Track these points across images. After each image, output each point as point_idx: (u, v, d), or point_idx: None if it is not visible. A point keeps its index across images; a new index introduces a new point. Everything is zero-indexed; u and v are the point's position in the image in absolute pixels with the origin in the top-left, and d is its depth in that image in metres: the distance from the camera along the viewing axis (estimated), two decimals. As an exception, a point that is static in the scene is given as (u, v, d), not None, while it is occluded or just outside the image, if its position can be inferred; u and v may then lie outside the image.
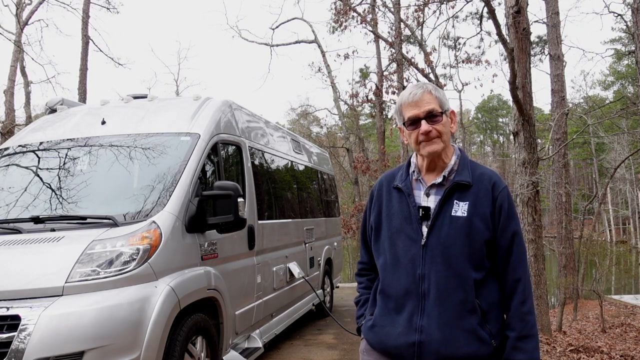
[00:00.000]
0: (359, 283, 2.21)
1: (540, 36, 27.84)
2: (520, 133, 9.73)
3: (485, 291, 1.85)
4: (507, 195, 1.90)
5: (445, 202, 1.87)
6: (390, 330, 1.88)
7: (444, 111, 1.91)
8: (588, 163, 47.55)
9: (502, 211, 1.87)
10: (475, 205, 1.85)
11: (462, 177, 1.90)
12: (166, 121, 4.57)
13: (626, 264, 19.57)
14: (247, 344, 4.80)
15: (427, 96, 1.91)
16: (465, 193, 1.88)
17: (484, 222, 1.84)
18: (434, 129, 1.88)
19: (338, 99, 22.79)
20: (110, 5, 17.50)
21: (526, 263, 1.90)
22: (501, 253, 1.87)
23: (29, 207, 3.87)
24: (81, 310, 3.02)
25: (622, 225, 47.98)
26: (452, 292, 1.81)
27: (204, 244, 3.99)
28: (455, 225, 1.83)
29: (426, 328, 1.80)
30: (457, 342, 1.79)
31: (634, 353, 8.44)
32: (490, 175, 1.93)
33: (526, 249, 1.94)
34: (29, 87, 18.28)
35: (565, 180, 15.35)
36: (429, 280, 1.82)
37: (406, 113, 1.93)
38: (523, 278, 1.86)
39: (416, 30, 16.69)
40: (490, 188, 1.89)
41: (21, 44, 16.46)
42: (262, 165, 5.71)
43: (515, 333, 1.82)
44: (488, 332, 1.82)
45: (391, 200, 1.98)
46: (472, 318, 1.81)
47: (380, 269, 1.98)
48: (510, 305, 1.86)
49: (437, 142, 1.89)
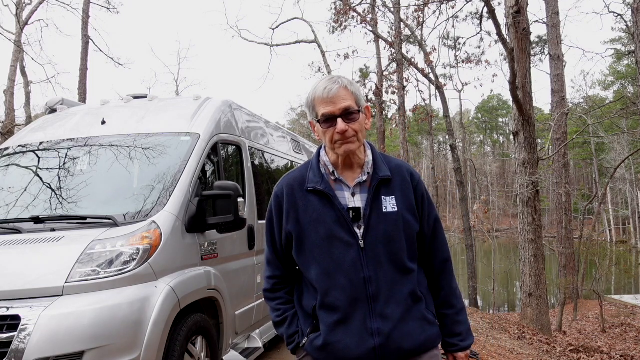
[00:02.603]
0: (275, 299, 1.98)
1: (540, 36, 27.87)
2: (520, 133, 9.73)
3: (420, 278, 1.92)
4: (422, 183, 1.95)
5: (375, 200, 1.82)
6: (347, 343, 1.77)
7: (360, 108, 1.83)
8: (588, 163, 47.59)
9: (423, 200, 1.91)
10: (401, 198, 1.85)
11: (382, 172, 1.86)
12: (166, 121, 4.58)
13: (626, 264, 19.56)
14: (247, 344, 4.79)
15: (343, 92, 1.81)
16: (388, 187, 1.85)
17: (412, 213, 1.86)
18: (350, 128, 1.79)
19: (338, 99, 22.75)
20: (110, 5, 17.51)
21: (447, 244, 2.01)
22: (427, 239, 1.93)
23: (29, 207, 3.86)
24: (81, 310, 3.02)
25: (622, 225, 47.98)
26: (399, 287, 1.81)
27: (204, 244, 3.99)
28: (390, 222, 1.80)
29: (382, 329, 1.77)
30: (414, 331, 1.81)
31: (634, 353, 8.44)
32: (405, 165, 1.95)
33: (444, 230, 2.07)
34: (29, 87, 18.28)
35: (565, 180, 15.37)
36: (377, 282, 1.77)
37: (320, 109, 1.81)
38: (449, 258, 1.99)
39: (416, 30, 16.71)
40: (409, 179, 1.90)
41: (21, 44, 16.46)
42: (262, 165, 5.71)
43: (454, 309, 1.95)
44: (432, 314, 1.91)
45: (309, 205, 1.83)
46: (420, 305, 1.86)
47: (316, 281, 1.83)
48: (443, 284, 1.96)
49: (354, 141, 1.81)
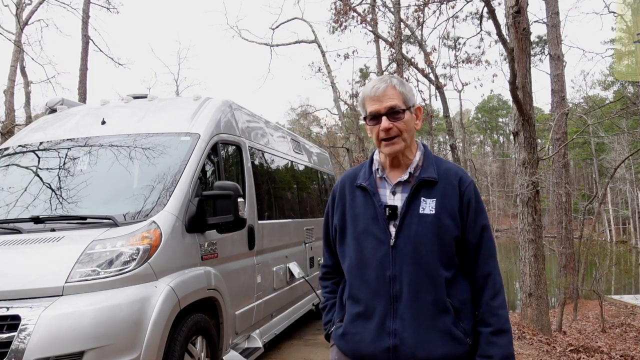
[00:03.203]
0: (324, 287, 2.11)
1: (540, 36, 27.85)
2: (520, 133, 9.73)
3: (456, 289, 1.81)
4: (474, 190, 1.85)
5: (413, 200, 1.81)
6: (363, 337, 1.80)
7: (408, 107, 1.84)
8: (588, 163, 47.57)
9: (469, 206, 1.82)
10: (442, 202, 1.79)
11: (427, 173, 1.83)
12: (166, 121, 4.58)
13: (626, 264, 19.55)
14: (247, 344, 4.80)
15: (391, 91, 1.83)
16: (432, 190, 1.81)
17: (452, 218, 1.79)
18: (394, 126, 1.81)
19: (338, 99, 22.75)
20: (110, 5, 17.47)
21: (495, 258, 1.86)
22: (470, 249, 1.82)
23: (29, 207, 3.87)
24: (81, 310, 3.02)
25: (622, 225, 47.97)
26: (424, 293, 1.76)
27: (204, 244, 3.99)
28: (424, 224, 1.78)
29: (400, 331, 1.75)
30: (432, 343, 1.74)
31: (634, 353, 8.44)
32: (456, 170, 1.88)
33: (495, 244, 1.89)
34: (29, 87, 18.26)
35: (565, 180, 15.35)
36: (400, 282, 1.77)
37: (368, 107, 1.85)
38: (493, 273, 1.82)
39: (416, 30, 16.69)
40: (456, 184, 1.83)
41: (21, 44, 16.44)
42: (262, 165, 5.71)
43: (490, 328, 1.78)
44: (462, 331, 1.78)
45: (355, 200, 1.90)
46: (446, 318, 1.76)
47: (347, 273, 1.90)
48: (481, 300, 1.81)
49: (398, 141, 1.82)
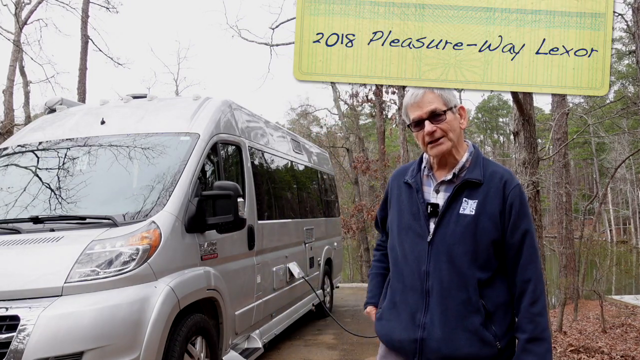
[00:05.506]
0: (375, 256, 2.26)
1: (540, 36, 27.78)
2: (520, 133, 9.71)
3: (491, 291, 1.81)
4: (519, 193, 1.84)
5: (454, 200, 1.84)
6: (395, 325, 1.91)
7: (449, 108, 1.87)
8: (588, 163, 47.54)
9: (512, 210, 1.81)
10: (484, 203, 1.81)
11: (472, 174, 1.86)
12: (166, 121, 4.57)
13: (627, 264, 19.55)
14: (247, 344, 4.79)
15: (429, 96, 1.88)
16: (475, 191, 1.83)
17: (492, 221, 1.80)
18: (438, 128, 1.84)
19: (338, 99, 22.75)
20: (109, 5, 17.41)
21: (538, 263, 1.83)
22: (511, 253, 1.82)
23: (28, 207, 3.86)
24: (80, 311, 3.02)
25: (622, 225, 47.94)
26: (454, 291, 1.79)
27: (203, 244, 3.99)
28: (462, 224, 1.80)
29: (429, 325, 1.81)
30: (458, 341, 1.77)
31: (635, 353, 8.42)
32: (502, 173, 1.88)
33: (538, 249, 1.87)
34: (28, 87, 18.23)
35: (565, 180, 15.34)
36: (433, 278, 1.82)
37: (411, 114, 1.91)
38: (533, 278, 1.80)
39: (416, 30, 16.64)
40: (501, 186, 1.83)
41: (20, 44, 16.43)
42: (262, 165, 5.70)
43: (526, 335, 1.76)
44: (493, 334, 1.78)
45: (401, 196, 1.99)
46: (475, 318, 1.77)
47: (391, 264, 2.02)
48: (520, 306, 1.80)
49: (444, 142, 1.86)
